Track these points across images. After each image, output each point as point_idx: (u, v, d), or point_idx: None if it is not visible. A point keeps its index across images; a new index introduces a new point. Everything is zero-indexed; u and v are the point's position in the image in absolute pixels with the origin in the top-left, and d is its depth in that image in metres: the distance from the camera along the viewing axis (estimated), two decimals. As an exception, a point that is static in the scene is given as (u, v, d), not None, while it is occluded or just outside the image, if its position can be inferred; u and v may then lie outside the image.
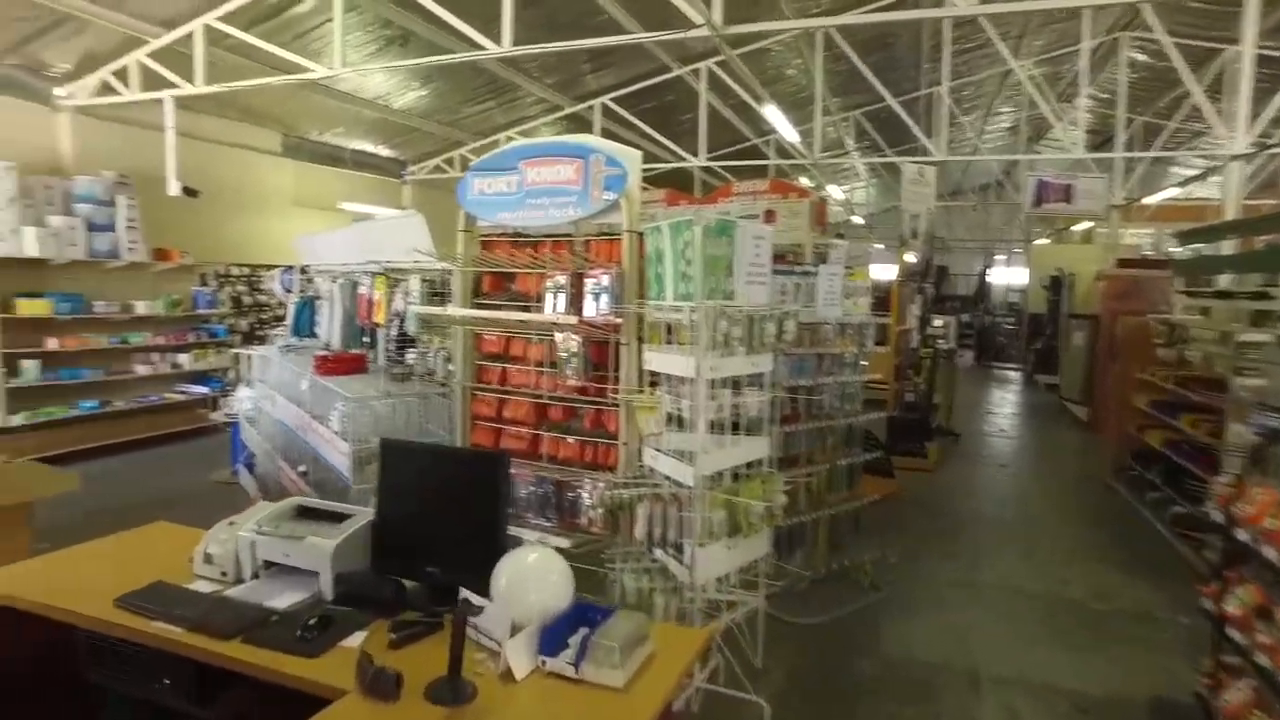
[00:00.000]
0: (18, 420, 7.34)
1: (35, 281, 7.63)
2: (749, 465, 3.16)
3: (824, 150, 12.17)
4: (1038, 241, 19.22)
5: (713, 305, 2.84)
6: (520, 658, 1.74)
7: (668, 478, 3.06)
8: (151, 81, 7.65)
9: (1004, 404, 13.36)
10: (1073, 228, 17.20)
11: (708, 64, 10.35)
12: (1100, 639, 4.20)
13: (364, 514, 2.36)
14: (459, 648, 1.61)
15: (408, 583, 2.22)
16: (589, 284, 3.36)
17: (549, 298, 3.49)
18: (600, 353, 3.50)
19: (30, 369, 7.47)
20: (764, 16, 6.24)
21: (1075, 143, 10.20)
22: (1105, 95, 12.85)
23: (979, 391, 14.29)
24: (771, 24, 6.31)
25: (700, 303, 2.84)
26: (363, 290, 4.90)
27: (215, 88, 7.23)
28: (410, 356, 4.37)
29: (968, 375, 15.09)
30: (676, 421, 3.03)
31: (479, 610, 1.85)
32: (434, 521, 2.24)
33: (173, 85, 7.48)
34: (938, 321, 11.53)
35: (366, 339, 4.85)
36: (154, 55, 7.53)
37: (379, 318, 4.58)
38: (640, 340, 3.36)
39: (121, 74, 7.78)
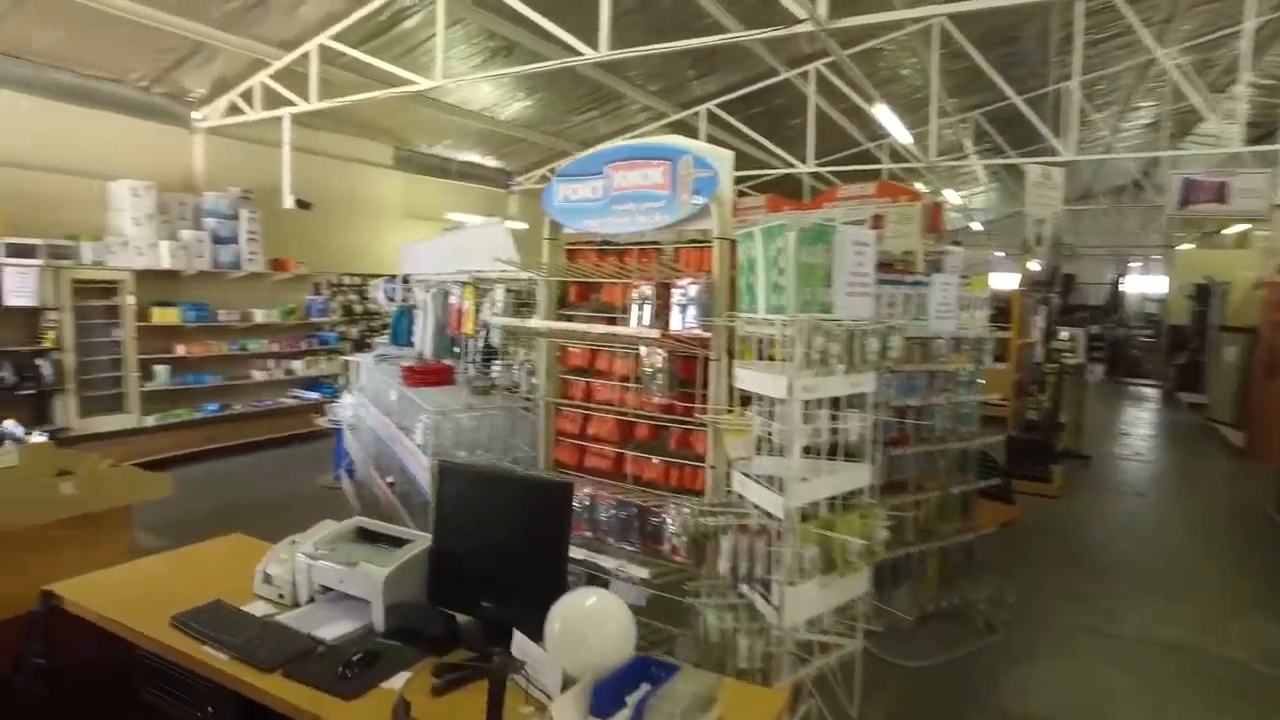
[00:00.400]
0: (150, 421, 7.79)
1: (168, 291, 8.11)
2: (848, 495, 2.87)
3: (940, 153, 11.53)
4: (1181, 247, 17.64)
5: (807, 319, 2.57)
6: (569, 717, 1.55)
7: (757, 507, 2.81)
8: (272, 101, 8.00)
9: (1140, 424, 12.24)
10: (1224, 231, 15.65)
11: (816, 66, 9.98)
12: (1268, 711, 3.62)
13: (423, 540, 2.23)
14: (496, 711, 1.43)
15: (464, 617, 2.07)
16: (676, 295, 3.15)
17: (634, 309, 3.30)
18: (688, 368, 3.28)
19: (161, 373, 7.93)
20: (872, 9, 5.87)
21: (1232, 136, 9.20)
22: (1269, 82, 11.61)
23: (1111, 410, 13.16)
24: (879, 16, 5.93)
25: (793, 316, 2.58)
26: (453, 300, 4.87)
27: (326, 103, 7.48)
28: (495, 369, 4.28)
29: (1098, 392, 13.93)
30: (768, 445, 2.78)
31: (521, 666, 1.66)
32: (492, 553, 2.08)
33: (290, 103, 7.79)
34: (1064, 334, 10.68)
35: (457, 349, 4.82)
36: (275, 76, 7.87)
37: (468, 328, 4.53)
38: (731, 356, 3.12)
39: (247, 95, 8.19)
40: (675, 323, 3.15)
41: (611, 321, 3.49)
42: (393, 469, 4.61)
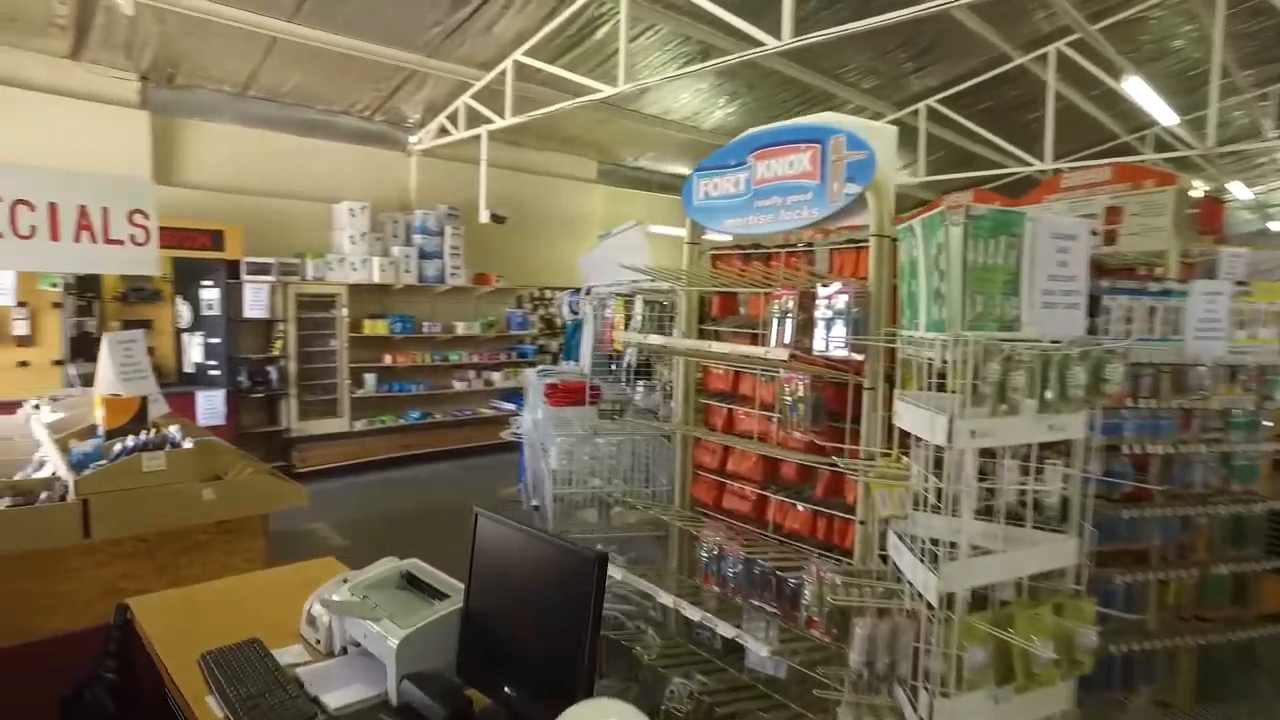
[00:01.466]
0: (359, 426, 8.31)
1: (379, 304, 8.65)
2: (1040, 577, 2.11)
3: (1227, 141, 9.58)
4: None
5: (975, 338, 1.89)
6: None
7: (909, 582, 2.14)
8: (474, 121, 8.28)
9: None
10: None
11: (1057, 46, 8.62)
12: None
13: (459, 598, 1.85)
14: None
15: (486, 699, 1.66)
16: (820, 306, 2.55)
17: (774, 324, 2.74)
18: (839, 398, 2.66)
19: (370, 381, 8.44)
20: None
21: None
22: None
23: None
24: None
25: (957, 334, 1.91)
26: (607, 313, 4.55)
27: (518, 118, 7.57)
28: (638, 389, 3.89)
29: None
30: (930, 501, 2.11)
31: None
32: (519, 628, 1.66)
33: (488, 121, 7.99)
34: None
35: (614, 366, 4.50)
36: (476, 96, 8.14)
37: (619, 344, 4.18)
38: (891, 384, 2.47)
39: (454, 117, 8.55)
40: (820, 341, 2.55)
41: (754, 340, 2.95)
42: (540, 492, 4.37)
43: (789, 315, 2.66)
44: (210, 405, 6.96)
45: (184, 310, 7.23)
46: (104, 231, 4.46)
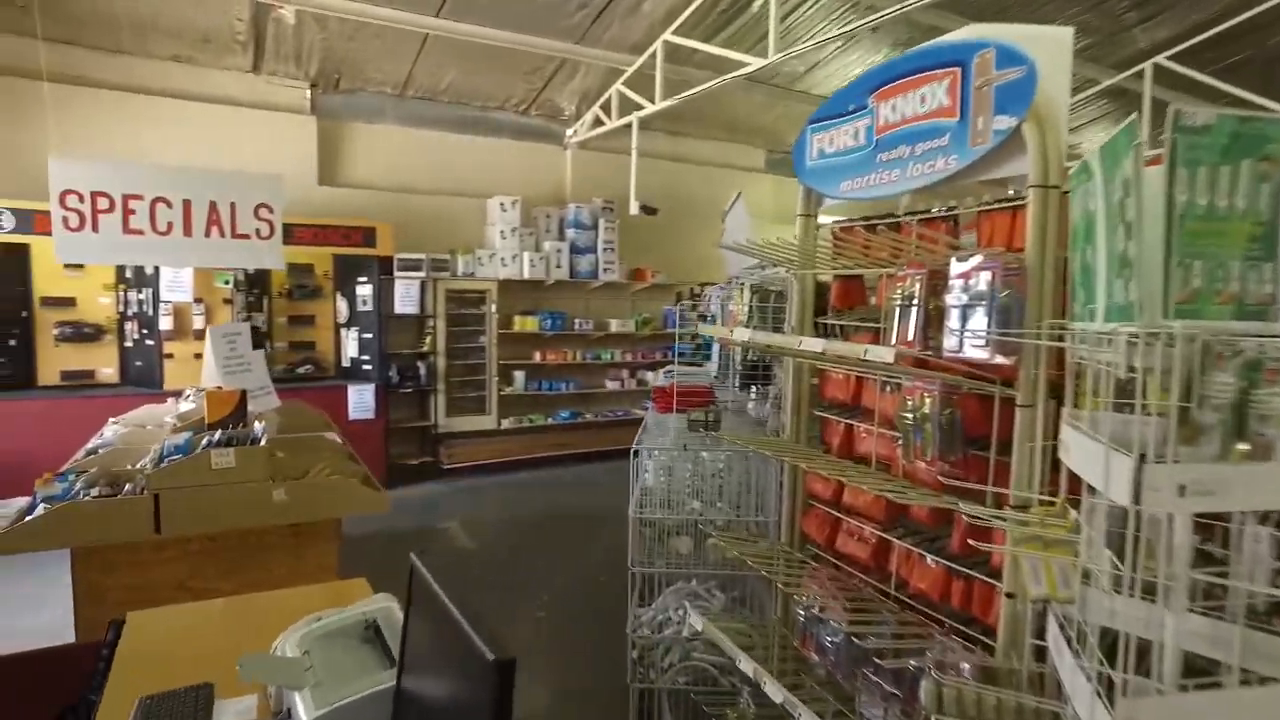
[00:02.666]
0: (507, 424, 8.22)
1: (529, 301, 8.52)
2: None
3: None
4: None
5: (1187, 330, 1.14)
6: None
7: (1074, 709, 1.40)
8: (628, 109, 7.92)
9: None
10: None
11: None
12: None
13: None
14: None
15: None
16: (954, 289, 1.83)
17: (894, 315, 2.04)
18: (982, 416, 1.92)
19: (519, 379, 8.33)
20: None
21: None
22: None
23: None
24: None
25: (1151, 324, 1.17)
26: (731, 306, 3.94)
27: (666, 102, 7.08)
28: (751, 394, 3.26)
29: None
30: (1108, 579, 1.36)
31: None
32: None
33: (638, 107, 7.59)
34: None
35: (728, 368, 3.88)
36: (628, 83, 7.76)
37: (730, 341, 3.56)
38: (1058, 399, 1.71)
39: (607, 106, 8.24)
40: (951, 338, 1.83)
41: (877, 337, 2.26)
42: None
43: (913, 302, 1.95)
44: (361, 400, 7.09)
45: (342, 306, 7.44)
46: (231, 226, 4.50)
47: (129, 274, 6.47)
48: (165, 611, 2.23)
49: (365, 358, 7.38)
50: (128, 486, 3.15)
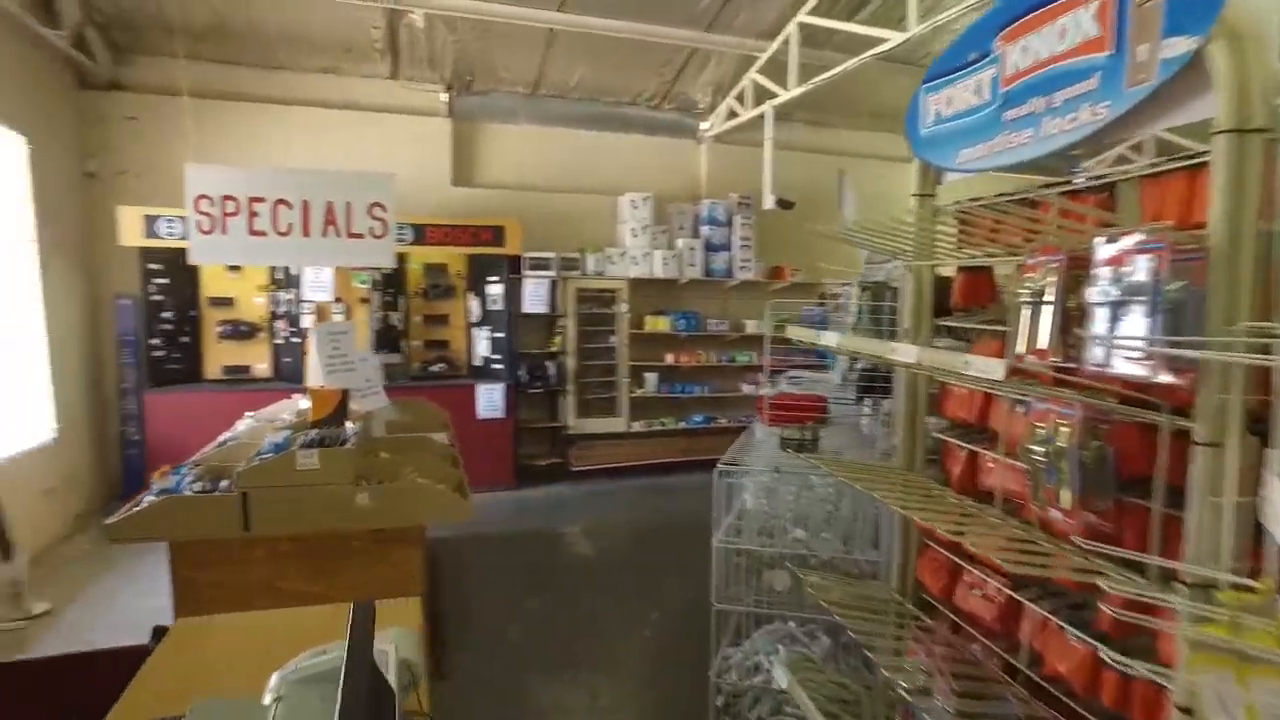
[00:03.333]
0: (637, 427, 8.02)
1: (662, 300, 8.28)
2: None
3: None
4: None
5: None
6: None
7: None
8: (762, 98, 7.49)
9: None
10: None
11: None
12: None
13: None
14: None
15: None
16: (1098, 281, 1.35)
17: (1021, 317, 1.58)
18: (1143, 449, 1.43)
19: (651, 381, 8.10)
20: None
21: None
22: None
23: None
24: None
25: None
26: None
27: (801, 88, 6.61)
28: (865, 407, 2.80)
29: None
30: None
31: None
32: None
33: (772, 95, 7.15)
34: None
35: (846, 376, 3.42)
36: (762, 70, 7.34)
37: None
38: (1259, 438, 1.22)
39: (742, 97, 7.85)
40: (1098, 347, 1.37)
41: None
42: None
43: (1045, 299, 1.49)
44: (490, 399, 7.13)
45: (474, 305, 7.52)
46: (347, 225, 4.53)
47: (279, 275, 6.84)
48: (213, 621, 2.15)
49: (496, 356, 7.41)
50: (224, 483, 3.17)
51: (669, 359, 8.18)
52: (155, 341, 6.42)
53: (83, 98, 6.63)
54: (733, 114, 8.07)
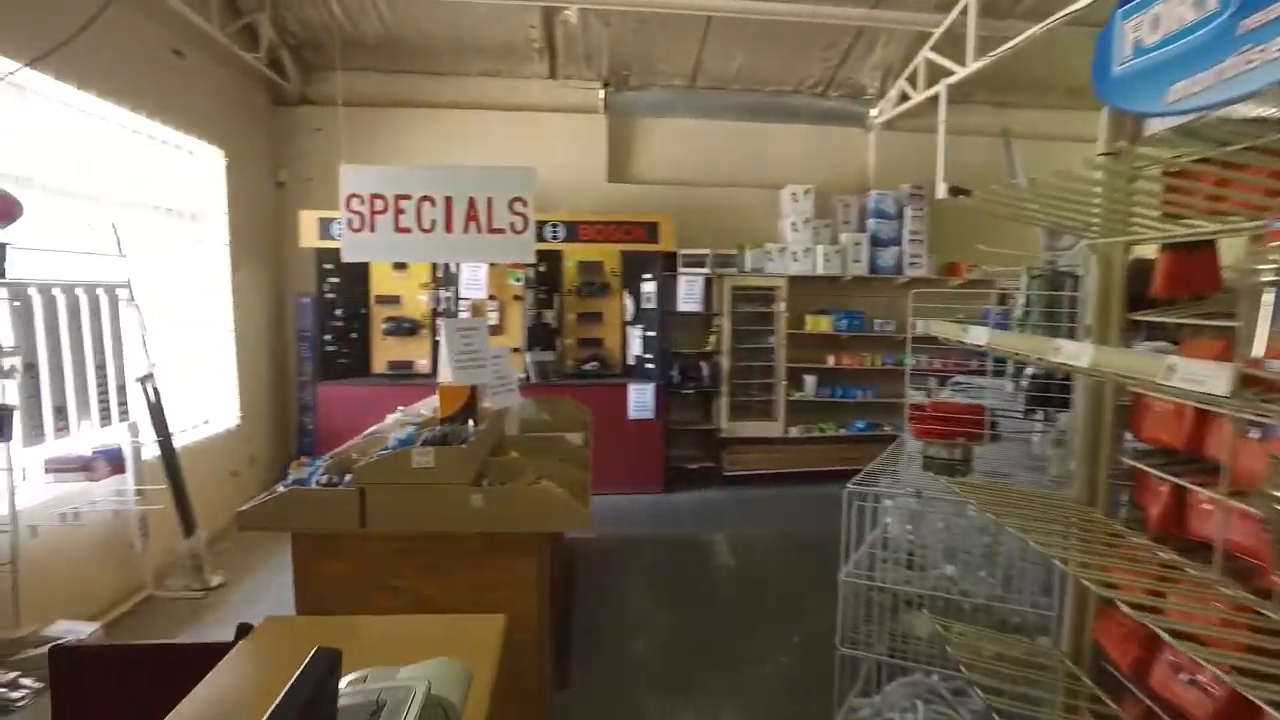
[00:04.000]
0: (794, 432, 7.60)
1: (824, 299, 7.80)
2: None
3: None
4: None
5: None
6: None
7: None
8: (937, 78, 6.83)
9: None
10: None
11: None
12: None
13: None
14: None
15: None
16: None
17: (1257, 307, 1.13)
18: None
19: (810, 384, 7.65)
20: None
21: None
22: None
23: None
24: None
25: None
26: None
27: (980, 62, 5.91)
28: (1037, 422, 2.31)
29: None
30: None
31: None
32: None
33: (948, 73, 6.48)
34: None
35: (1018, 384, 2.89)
36: (936, 48, 6.68)
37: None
38: None
39: (913, 78, 7.21)
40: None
41: (1228, 345, 1.34)
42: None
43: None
44: (641, 399, 6.98)
45: (628, 303, 7.41)
46: (488, 221, 4.52)
47: (439, 273, 7.07)
48: (298, 623, 2.09)
49: (648, 356, 7.27)
50: (349, 478, 3.17)
51: (830, 361, 7.67)
52: (327, 337, 6.82)
53: (277, 113, 7.19)
54: (904, 97, 7.43)
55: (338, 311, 6.94)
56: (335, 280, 6.91)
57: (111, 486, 4.18)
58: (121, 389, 4.21)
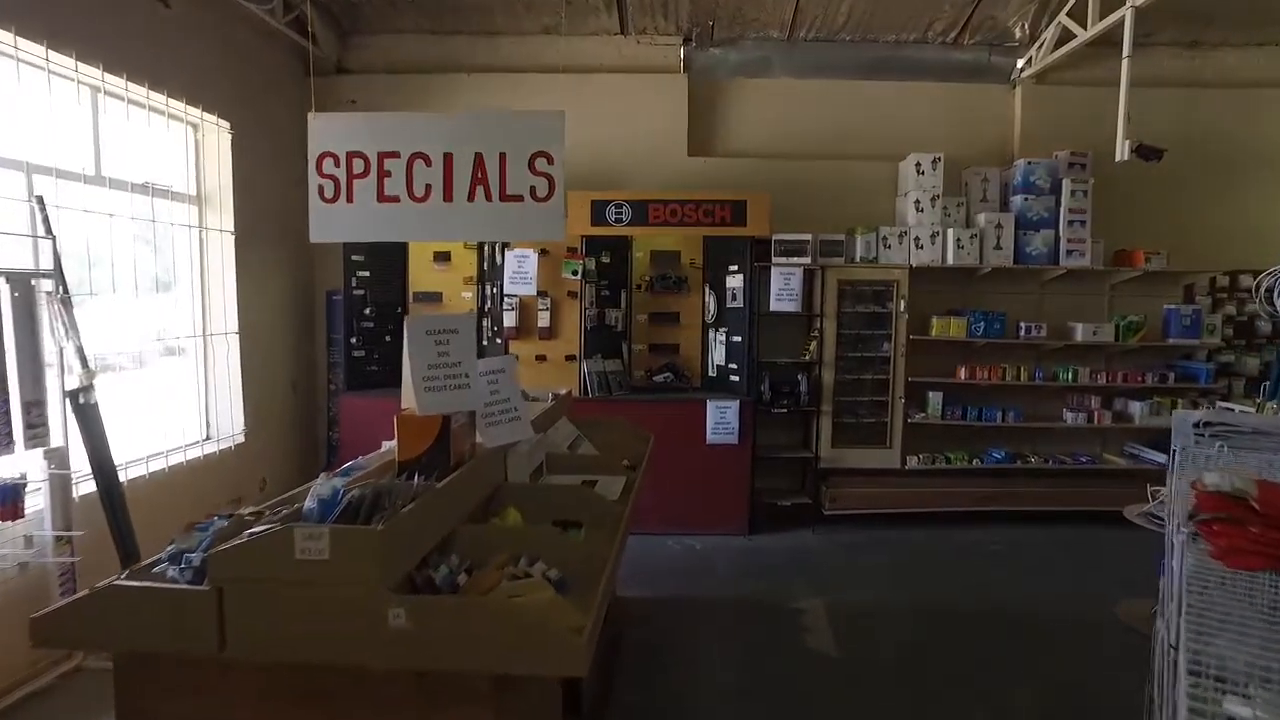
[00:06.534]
0: (914, 463, 6.12)
1: (954, 295, 6.30)
2: None
3: None
4: None
5: None
6: None
7: None
8: (1110, 7, 5.22)
9: None
10: None
11: None
12: None
13: None
14: None
15: None
16: None
17: None
18: None
19: (935, 402, 6.16)
20: None
21: None
22: None
23: None
24: None
25: None
26: None
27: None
28: None
29: None
30: None
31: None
32: None
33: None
34: None
35: None
36: (1117, -37, 5.10)
37: None
38: None
39: (1079, 14, 5.61)
40: None
41: None
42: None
43: None
44: (722, 419, 5.68)
45: (710, 302, 6.13)
46: (501, 185, 3.35)
47: (485, 266, 6.00)
48: None
49: (733, 366, 5.97)
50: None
51: (961, 374, 6.14)
52: (355, 340, 5.85)
53: (311, 85, 6.29)
54: (1064, 38, 5.84)
55: (368, 311, 5.96)
56: (365, 275, 5.94)
57: (8, 533, 3.24)
58: (35, 407, 3.28)
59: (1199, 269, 6.38)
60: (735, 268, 5.90)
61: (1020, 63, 6.40)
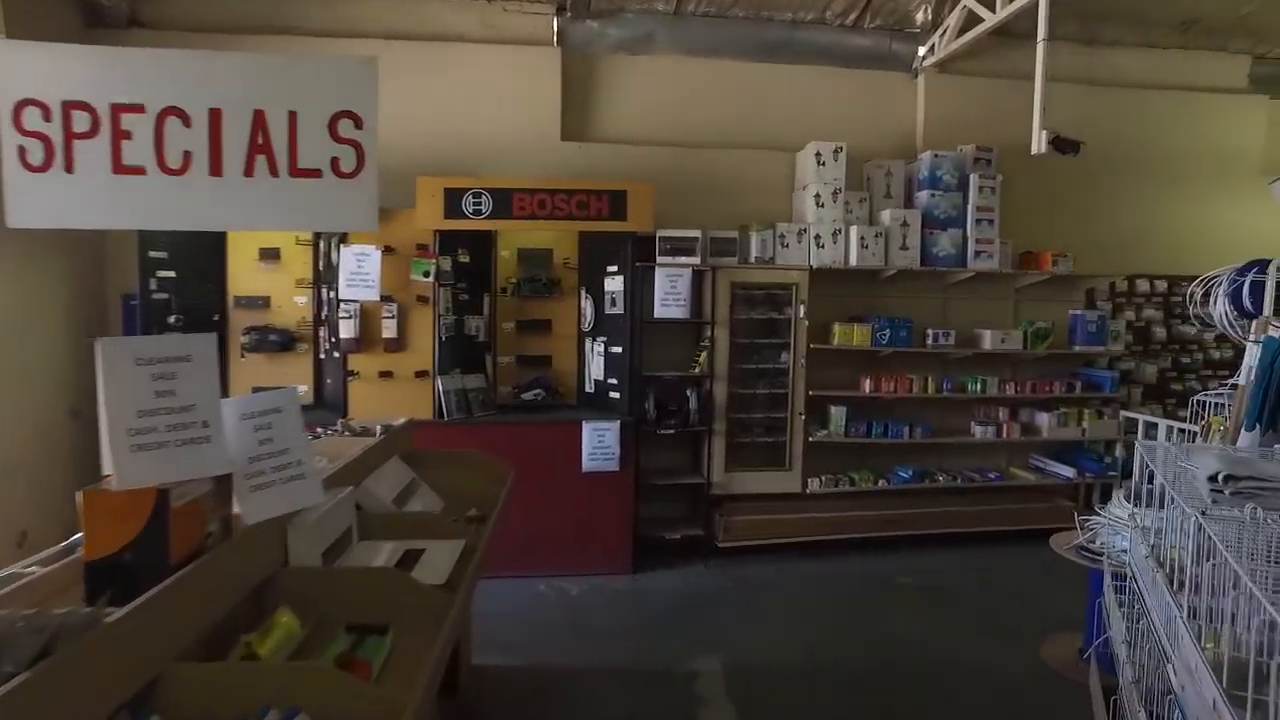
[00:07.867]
0: (815, 485, 5.53)
1: (857, 300, 5.77)
2: None
3: None
4: None
5: None
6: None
7: None
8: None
9: None
10: None
11: None
12: None
13: None
14: None
15: None
16: None
17: None
18: None
19: (838, 418, 5.59)
20: None
21: None
22: None
23: None
24: None
25: None
26: None
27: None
28: None
29: None
30: None
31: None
32: None
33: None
34: None
35: None
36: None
37: None
38: None
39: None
40: None
41: None
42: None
43: None
44: (600, 443, 4.91)
45: (587, 308, 5.35)
46: (290, 157, 2.45)
47: (320, 265, 5.02)
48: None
49: (612, 381, 5.20)
50: None
51: (865, 386, 5.60)
52: (149, 354, 4.74)
53: (94, 39, 5.12)
54: (968, 25, 5.38)
55: (173, 319, 4.85)
56: (168, 275, 4.84)
57: None
58: None
59: (1101, 273, 6.09)
60: (615, 268, 5.14)
61: (922, 50, 5.93)
